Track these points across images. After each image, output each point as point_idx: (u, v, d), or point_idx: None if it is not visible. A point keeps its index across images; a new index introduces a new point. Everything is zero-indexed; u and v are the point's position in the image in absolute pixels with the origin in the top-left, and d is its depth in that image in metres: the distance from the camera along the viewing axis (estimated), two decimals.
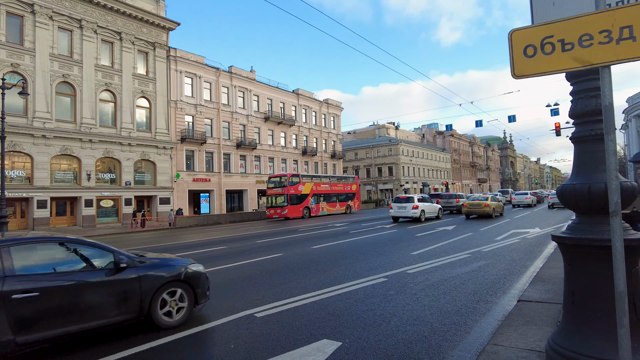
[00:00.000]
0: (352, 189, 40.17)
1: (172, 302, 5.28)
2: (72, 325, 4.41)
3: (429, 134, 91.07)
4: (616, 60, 2.39)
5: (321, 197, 35.57)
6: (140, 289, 4.98)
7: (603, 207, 2.99)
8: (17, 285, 4.09)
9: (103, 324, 4.68)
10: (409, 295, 6.59)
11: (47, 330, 4.23)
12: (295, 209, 32.15)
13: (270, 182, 34.08)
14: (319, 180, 36.68)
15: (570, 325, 3.11)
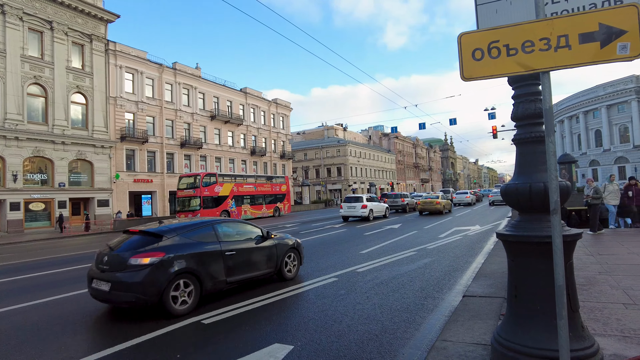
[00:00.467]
0: (282, 189, 36.89)
1: (291, 262, 8.02)
2: (248, 273, 6.96)
3: (375, 136, 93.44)
4: (555, 66, 2.52)
5: (244, 199, 31.86)
6: (276, 253, 7.64)
7: (542, 205, 3.16)
8: (225, 247, 6.58)
9: (260, 274, 7.24)
10: (359, 294, 6.64)
11: (239, 275, 6.73)
12: (209, 214, 27.84)
13: (181, 182, 29.72)
14: (242, 180, 32.92)
15: (514, 318, 3.25)
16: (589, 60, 2.47)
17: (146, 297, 5.47)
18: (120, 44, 33.24)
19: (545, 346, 2.93)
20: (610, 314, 4.57)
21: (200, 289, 6.06)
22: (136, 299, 5.45)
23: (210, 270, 6.24)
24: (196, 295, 5.97)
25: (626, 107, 62.56)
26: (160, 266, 5.63)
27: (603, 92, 65.29)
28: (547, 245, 3.01)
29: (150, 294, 5.48)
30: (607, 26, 2.44)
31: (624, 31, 2.41)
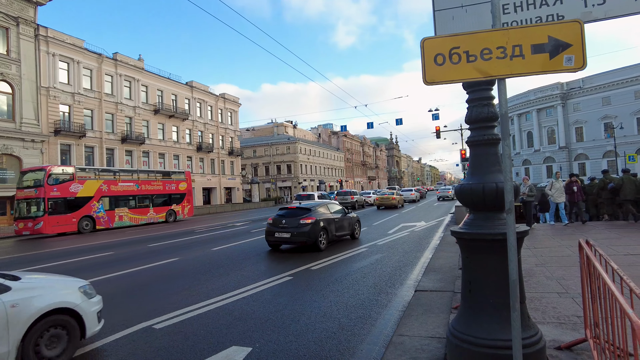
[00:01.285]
0: (180, 188, 29.62)
1: (358, 228, 13.58)
2: (342, 232, 12.21)
3: (324, 134, 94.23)
4: (510, 74, 2.67)
5: (120, 201, 24.99)
6: (351, 222, 12.97)
7: (494, 204, 3.35)
8: (333, 216, 11.89)
9: (346, 234, 12.63)
10: (315, 292, 6.68)
11: (339, 232, 11.94)
12: (60, 221, 21.49)
13: (24, 179, 22.38)
14: (114, 176, 25.57)
15: (468, 311, 3.42)
16: (539, 69, 2.65)
17: (310, 239, 10.70)
18: (53, 30, 30.76)
19: (497, 337, 3.12)
20: (547, 303, 4.96)
21: (328, 238, 11.37)
22: (306, 239, 10.69)
23: (331, 228, 11.59)
24: (327, 242, 11.36)
25: (553, 112, 68.08)
26: (313, 224, 10.84)
27: (534, 97, 70.56)
28: (499, 242, 3.20)
29: (311, 238, 10.70)
30: (556, 39, 2.62)
31: (570, 44, 2.61)
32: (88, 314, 4.36)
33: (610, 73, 61.26)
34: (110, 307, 6.10)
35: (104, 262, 10.70)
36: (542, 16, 3.22)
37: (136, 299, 6.77)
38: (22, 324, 3.79)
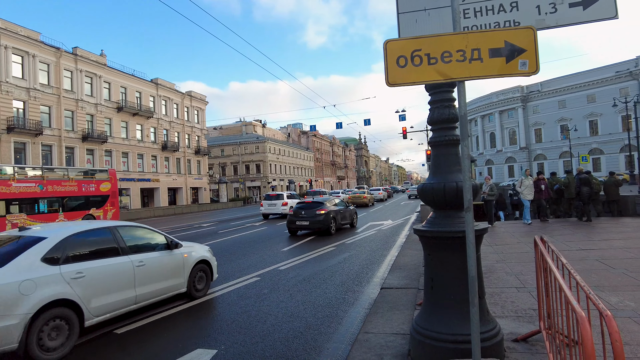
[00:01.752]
0: (102, 189, 24.26)
1: (356, 219, 17.07)
2: (344, 221, 15.50)
3: (294, 133, 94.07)
4: (469, 76, 2.76)
5: (15, 206, 19.74)
6: (351, 214, 16.49)
7: (455, 203, 3.45)
8: (338, 208, 15.35)
9: (347, 223, 15.90)
10: (282, 292, 6.66)
11: (342, 221, 15.22)
12: None
13: None
14: (8, 174, 19.80)
15: (430, 308, 3.51)
16: (497, 72, 2.75)
17: (324, 226, 13.87)
18: (5, 21, 29.11)
19: (458, 332, 3.22)
20: (506, 298, 5.15)
21: (336, 225, 14.50)
22: (321, 226, 13.83)
23: (337, 218, 14.76)
24: (335, 228, 14.49)
25: (514, 113, 70.88)
26: (327, 214, 14.02)
27: (496, 99, 73.20)
28: (459, 239, 3.30)
29: (325, 225, 13.84)
30: (511, 44, 2.73)
31: (524, 49, 2.72)
32: (213, 265, 6.95)
33: (565, 78, 64.46)
34: None
35: None
36: (500, 22, 3.34)
37: None
38: (189, 266, 6.34)
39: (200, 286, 6.53)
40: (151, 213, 35.94)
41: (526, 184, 12.84)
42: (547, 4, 3.29)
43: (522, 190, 12.88)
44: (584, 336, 1.52)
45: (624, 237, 9.13)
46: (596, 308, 1.69)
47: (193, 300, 6.27)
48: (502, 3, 3.36)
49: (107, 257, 5.17)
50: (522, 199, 12.99)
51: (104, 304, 4.87)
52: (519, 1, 3.33)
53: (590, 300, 1.77)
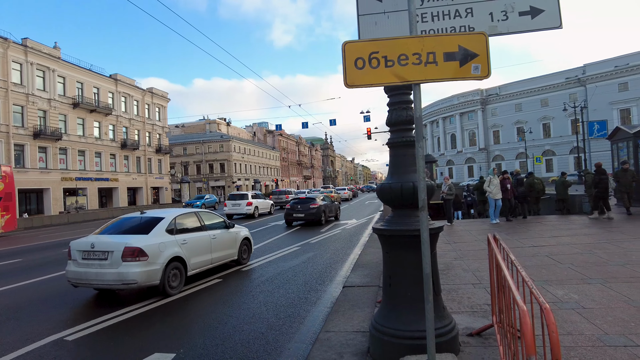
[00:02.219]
0: None
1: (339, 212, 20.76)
2: (330, 214, 18.96)
3: (259, 132, 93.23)
4: (425, 79, 2.84)
5: None
6: (336, 208, 19.99)
7: (412, 202, 3.53)
8: (326, 203, 18.60)
9: (332, 216, 19.37)
10: (245, 293, 6.58)
11: (329, 214, 18.77)
12: None
13: None
14: None
15: (388, 305, 3.58)
16: (451, 76, 2.84)
17: (316, 217, 16.91)
18: None
19: (415, 328, 3.30)
20: (463, 294, 5.34)
21: (325, 217, 17.78)
22: (314, 218, 16.85)
23: (326, 211, 17.93)
24: (325, 220, 17.77)
25: (474, 116, 73.54)
26: (318, 208, 17.08)
27: (457, 102, 75.64)
28: (415, 237, 3.38)
29: (317, 217, 16.96)
30: (465, 48, 2.83)
31: (477, 54, 2.83)
32: (252, 242, 9.61)
33: (521, 82, 67.55)
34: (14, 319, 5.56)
35: (14, 270, 9.64)
36: (456, 26, 3.45)
37: (46, 309, 6.18)
38: (239, 241, 8.76)
39: (245, 256, 9.17)
40: (109, 214, 34.48)
41: (495, 183, 12.80)
42: (499, 11, 3.43)
43: (491, 189, 12.80)
44: (524, 328, 1.61)
45: (571, 234, 9.68)
46: (537, 302, 1.78)
47: (239, 265, 8.84)
48: (458, 9, 3.48)
49: (196, 232, 7.54)
50: (490, 198, 12.90)
51: (196, 262, 7.26)
52: (474, 8, 3.46)
53: (533, 295, 1.86)
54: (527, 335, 1.55)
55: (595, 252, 7.29)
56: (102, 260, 6.22)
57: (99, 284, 6.25)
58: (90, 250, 6.35)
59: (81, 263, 6.36)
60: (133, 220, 7.28)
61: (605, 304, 4.49)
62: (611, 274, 5.72)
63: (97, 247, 6.33)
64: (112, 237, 6.67)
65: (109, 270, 6.11)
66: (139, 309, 5.83)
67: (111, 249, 6.21)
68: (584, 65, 59.70)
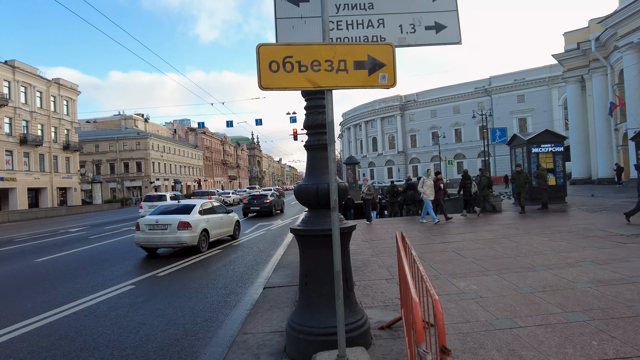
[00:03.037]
0: None
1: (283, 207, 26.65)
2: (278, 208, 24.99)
3: (181, 130, 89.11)
4: (336, 86, 2.96)
5: None
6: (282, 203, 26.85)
7: (327, 203, 3.65)
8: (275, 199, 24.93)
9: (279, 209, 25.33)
10: (160, 299, 6.28)
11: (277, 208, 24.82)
12: None
13: None
14: None
15: (304, 303, 3.66)
16: (360, 84, 2.99)
17: (269, 210, 22.74)
18: None
19: (329, 324, 3.41)
20: (377, 289, 5.62)
21: (275, 210, 23.56)
22: (268, 210, 22.64)
23: (276, 205, 24.01)
24: (275, 212, 23.47)
25: (393, 120, 77.52)
26: (271, 202, 23.06)
27: (378, 107, 79.13)
28: (330, 236, 3.51)
29: (270, 210, 22.78)
30: (373, 58, 3.00)
31: (384, 64, 3.02)
32: (241, 223, 13.70)
33: (436, 90, 72.62)
34: None
35: None
36: (368, 36, 3.64)
37: None
38: (234, 222, 12.90)
39: (237, 233, 13.09)
40: (4, 218, 30.59)
41: (428, 184, 12.79)
42: (408, 24, 3.68)
43: (425, 190, 12.76)
44: (415, 318, 1.76)
45: (474, 230, 10.66)
46: (428, 293, 1.96)
47: (234, 240, 12.41)
48: (371, 19, 3.67)
49: (213, 214, 11.47)
50: (424, 198, 12.81)
51: (214, 233, 11.22)
52: (385, 19, 3.67)
53: (426, 288, 2.04)
54: (417, 324, 1.71)
55: (494, 246, 8.11)
56: (164, 230, 10.12)
57: (162, 244, 10.29)
58: (155, 224, 10.20)
59: (148, 232, 10.18)
60: (173, 205, 11.64)
61: (498, 293, 5.01)
62: (505, 265, 6.41)
63: (160, 222, 10.20)
64: (168, 216, 10.46)
65: (169, 235, 10.04)
66: (37, 323, 5.30)
67: (170, 222, 10.13)
68: (490, 77, 65.92)
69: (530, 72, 61.92)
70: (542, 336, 3.61)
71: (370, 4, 3.64)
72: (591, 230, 9.17)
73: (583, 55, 30.57)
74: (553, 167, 15.82)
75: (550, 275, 5.64)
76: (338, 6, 3.62)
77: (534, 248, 7.62)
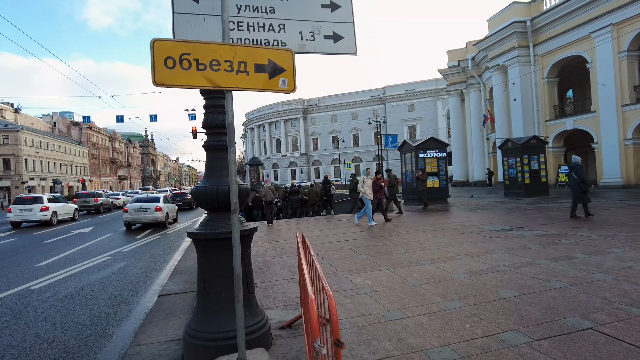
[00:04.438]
0: None
1: None
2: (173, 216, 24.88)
3: (62, 124, 79.18)
4: (236, 87, 2.94)
5: None
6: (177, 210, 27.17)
7: (227, 205, 3.61)
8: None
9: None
10: (33, 315, 5.54)
11: None
12: None
13: None
14: None
15: (203, 309, 3.56)
16: (261, 87, 3.02)
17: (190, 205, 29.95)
18: None
19: (229, 328, 3.36)
20: (278, 290, 5.68)
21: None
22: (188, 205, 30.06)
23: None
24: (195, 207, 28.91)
25: (297, 123, 78.80)
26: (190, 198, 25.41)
27: (282, 109, 79.77)
28: (229, 240, 3.47)
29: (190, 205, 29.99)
30: (274, 62, 3.05)
31: (284, 69, 3.09)
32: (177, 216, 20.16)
33: (336, 96, 75.69)
34: None
35: None
36: (269, 39, 3.67)
37: None
38: (176, 210, 19.66)
39: (177, 218, 19.41)
40: None
41: (368, 184, 12.43)
42: (307, 32, 3.81)
43: (365, 190, 12.29)
44: (311, 314, 1.85)
45: (368, 229, 11.37)
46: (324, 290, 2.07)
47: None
48: (272, 23, 3.72)
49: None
50: (364, 198, 12.38)
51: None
52: (286, 24, 3.75)
53: (322, 285, 2.15)
54: (313, 320, 1.80)
55: (385, 243, 8.74)
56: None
57: (144, 221, 16.33)
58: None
59: (134, 213, 16.26)
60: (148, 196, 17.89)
61: (389, 286, 5.43)
62: (395, 261, 6.96)
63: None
64: (147, 203, 16.58)
65: (149, 215, 16.24)
66: None
67: (149, 207, 16.33)
68: (384, 87, 70.78)
69: (420, 84, 68.06)
70: (426, 324, 4.01)
71: (272, 8, 3.68)
72: (467, 227, 10.41)
73: (462, 72, 34.60)
74: (437, 170, 17.62)
75: (434, 268, 6.27)
76: (239, 7, 3.59)
77: (420, 244, 8.41)
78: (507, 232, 9.31)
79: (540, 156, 18.66)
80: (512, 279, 5.39)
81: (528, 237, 8.41)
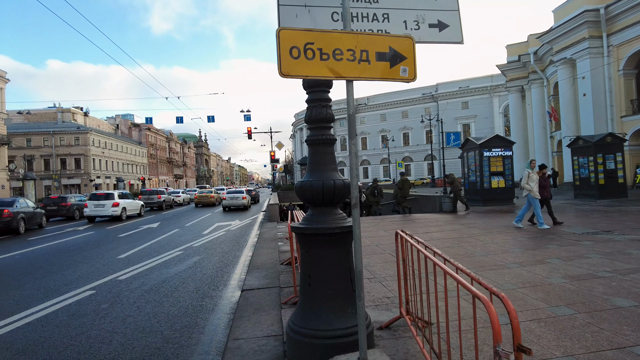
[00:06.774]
0: None
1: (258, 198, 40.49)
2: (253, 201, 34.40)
3: (124, 125, 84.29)
4: (358, 77, 2.83)
5: None
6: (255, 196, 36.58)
7: (331, 200, 3.52)
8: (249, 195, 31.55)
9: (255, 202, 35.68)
10: (127, 305, 5.79)
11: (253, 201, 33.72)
12: None
13: None
14: None
15: (307, 305, 3.49)
16: (381, 76, 2.89)
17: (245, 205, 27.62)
18: None
19: (336, 326, 3.27)
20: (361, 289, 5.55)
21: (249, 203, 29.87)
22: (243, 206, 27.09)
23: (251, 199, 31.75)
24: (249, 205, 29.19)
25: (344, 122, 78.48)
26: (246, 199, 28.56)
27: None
28: (336, 235, 3.38)
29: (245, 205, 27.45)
30: (395, 50, 2.91)
31: (405, 57, 2.94)
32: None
33: (386, 95, 74.58)
34: None
35: None
36: (373, 29, 3.50)
37: None
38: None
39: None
40: None
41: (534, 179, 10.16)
42: (412, 21, 3.62)
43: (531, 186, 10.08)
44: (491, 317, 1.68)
45: (439, 229, 10.96)
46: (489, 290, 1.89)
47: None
48: (376, 12, 3.56)
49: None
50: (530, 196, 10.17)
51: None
52: (390, 14, 3.58)
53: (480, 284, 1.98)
54: (495, 323, 1.63)
55: (462, 245, 8.36)
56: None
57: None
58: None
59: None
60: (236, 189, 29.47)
61: None
62: (479, 263, 6.60)
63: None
64: (236, 194, 26.90)
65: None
66: None
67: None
68: (436, 84, 68.82)
69: (474, 80, 65.49)
70: (538, 331, 3.70)
71: None
72: (545, 229, 9.75)
73: (523, 67, 32.79)
74: (502, 170, 16.75)
75: (525, 271, 5.88)
76: None
77: (500, 246, 7.96)
78: (593, 235, 8.60)
79: (617, 155, 17.19)
80: (623, 287, 4.91)
81: (623, 242, 7.71)
